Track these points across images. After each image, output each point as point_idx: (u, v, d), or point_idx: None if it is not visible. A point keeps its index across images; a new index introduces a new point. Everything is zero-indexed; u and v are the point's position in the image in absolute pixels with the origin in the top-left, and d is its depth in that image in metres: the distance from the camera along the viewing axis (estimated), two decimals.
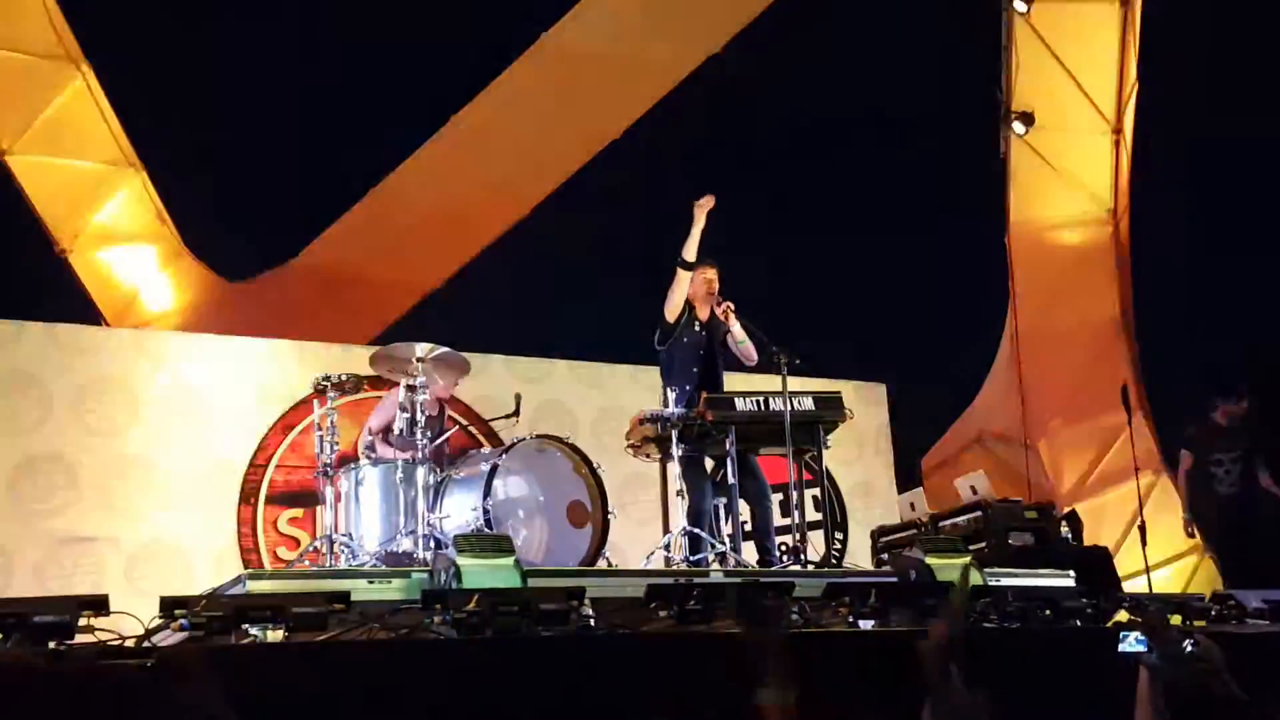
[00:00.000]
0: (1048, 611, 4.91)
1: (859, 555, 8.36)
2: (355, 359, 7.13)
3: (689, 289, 6.30)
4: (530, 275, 10.81)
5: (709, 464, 6.26)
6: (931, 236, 10.47)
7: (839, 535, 8.71)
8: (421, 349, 5.76)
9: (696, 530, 5.91)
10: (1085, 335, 10.73)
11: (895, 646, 4.44)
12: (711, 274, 6.35)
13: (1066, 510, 8.08)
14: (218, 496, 7.25)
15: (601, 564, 5.79)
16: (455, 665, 3.66)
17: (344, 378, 5.84)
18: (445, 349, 5.83)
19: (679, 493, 5.86)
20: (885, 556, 7.09)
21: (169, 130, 9.66)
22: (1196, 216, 9.82)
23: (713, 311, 6.39)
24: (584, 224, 10.49)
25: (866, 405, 9.20)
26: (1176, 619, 5.09)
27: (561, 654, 3.82)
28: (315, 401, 5.91)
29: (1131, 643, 3.20)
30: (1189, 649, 3.11)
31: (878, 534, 7.85)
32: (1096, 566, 6.64)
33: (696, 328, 6.37)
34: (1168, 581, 9.57)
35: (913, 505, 7.88)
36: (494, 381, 7.93)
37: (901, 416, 9.54)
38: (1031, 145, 10.49)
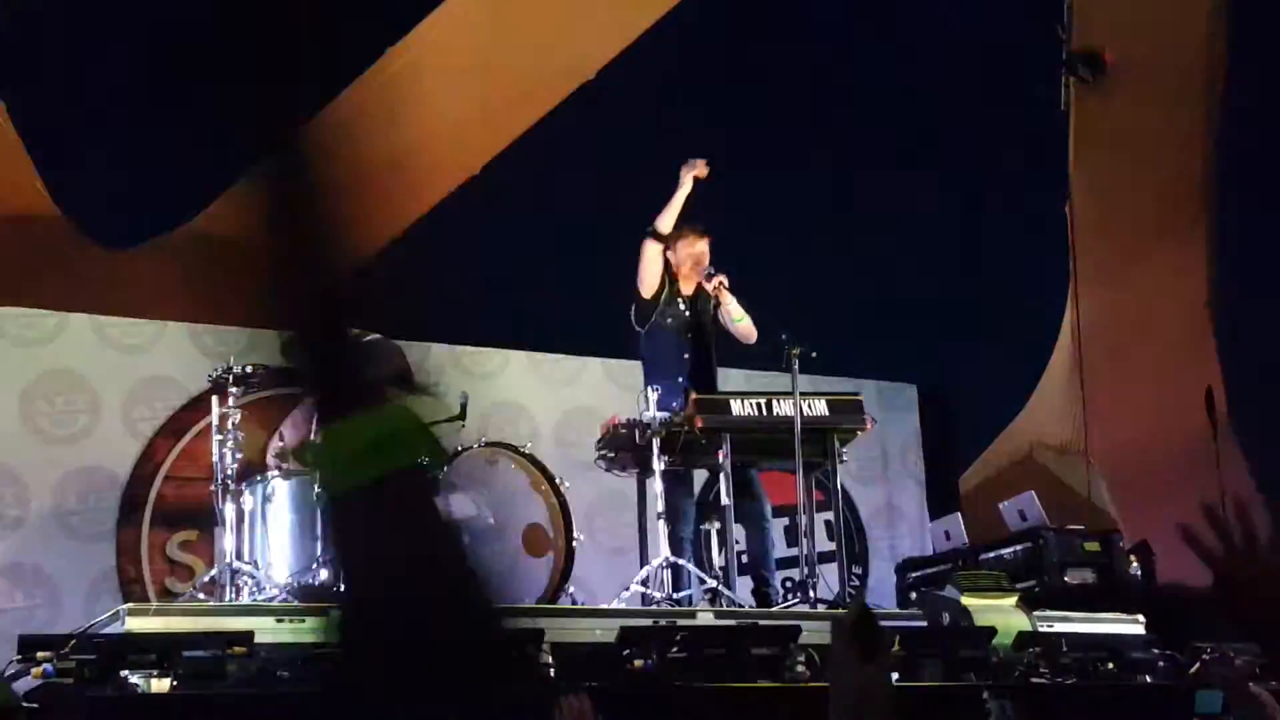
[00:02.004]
0: (1111, 664, 4.98)
1: (881, 593, 8.41)
2: (264, 346, 7.11)
3: (674, 261, 6.37)
4: (481, 246, 10.80)
5: (697, 479, 6.31)
6: (975, 202, 10.52)
7: (856, 569, 8.77)
8: None
9: (680, 561, 5.94)
10: (1163, 327, 10.80)
11: (924, 705, 4.49)
12: (701, 246, 6.41)
13: (1136, 541, 8.14)
14: (92, 513, 7.23)
15: (565, 601, 5.81)
16: None
17: (249, 370, 5.84)
18: (374, 335, 5.82)
19: (660, 515, 5.89)
20: (914, 596, 7.15)
21: (36, 58, 9.61)
22: None
23: (700, 288, 6.44)
24: (549, 183, 10.49)
25: (892, 410, 9.26)
26: None
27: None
28: (214, 399, 5.90)
29: (1207, 703, 3.25)
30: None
31: (904, 568, 7.92)
32: (1172, 610, 6.71)
33: (680, 306, 6.43)
34: None
35: (948, 534, 7.94)
36: (436, 376, 7.94)
37: (935, 424, 9.60)
38: (1100, 96, 10.54)
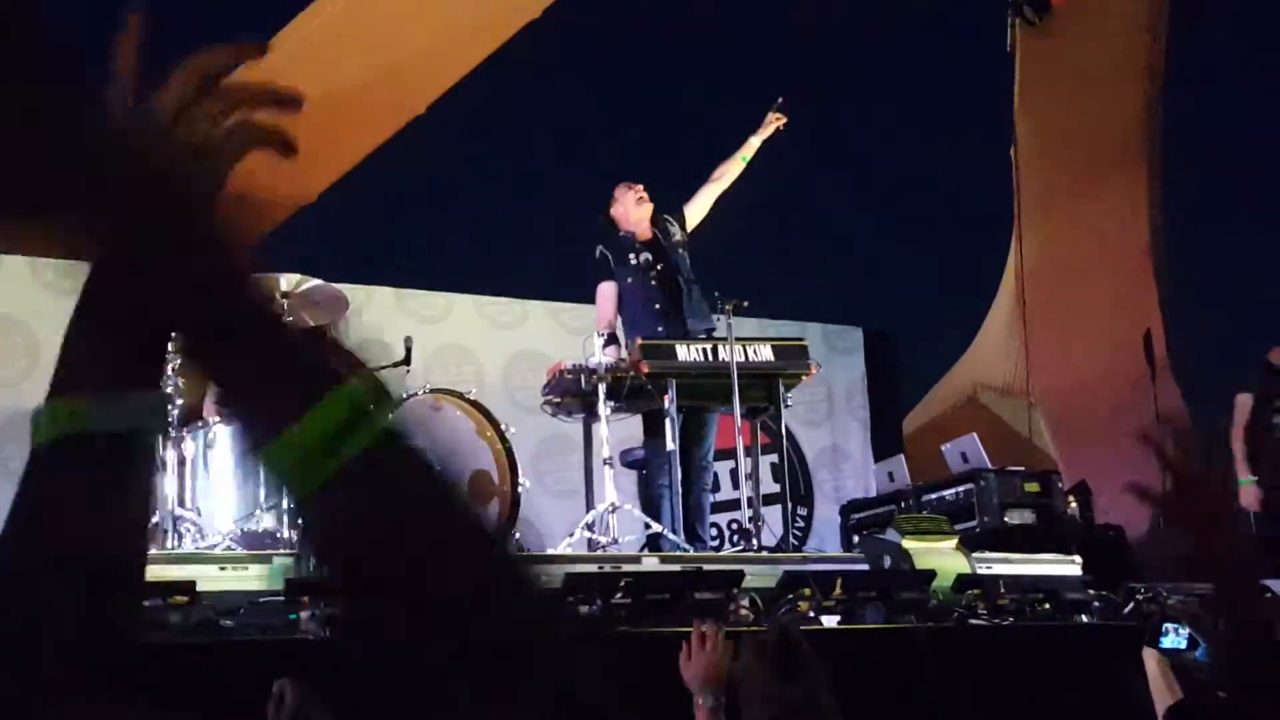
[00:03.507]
0: (1047, 605, 5.04)
1: (825, 537, 8.49)
2: None
3: (621, 216, 6.34)
4: (428, 188, 10.71)
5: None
6: (920, 145, 10.53)
7: (801, 512, 8.83)
8: (287, 281, 5.71)
9: (627, 506, 5.96)
10: (1104, 269, 10.88)
11: (863, 647, 4.54)
12: (636, 188, 6.41)
13: (1075, 482, 8.24)
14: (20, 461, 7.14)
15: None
16: (326, 672, 3.68)
17: None
18: (317, 281, 5.79)
19: (606, 461, 5.89)
20: (856, 539, 7.20)
21: None
22: (1245, 124, 9.93)
23: (656, 228, 6.40)
24: (495, 125, 10.39)
25: (837, 354, 9.30)
26: None
27: None
28: None
29: (1174, 638, 3.22)
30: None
31: (848, 510, 7.97)
32: (1109, 550, 6.80)
33: (642, 256, 6.35)
34: None
35: (891, 475, 8.00)
36: (380, 321, 7.89)
37: (880, 368, 9.66)
38: (1045, 37, 10.54)
